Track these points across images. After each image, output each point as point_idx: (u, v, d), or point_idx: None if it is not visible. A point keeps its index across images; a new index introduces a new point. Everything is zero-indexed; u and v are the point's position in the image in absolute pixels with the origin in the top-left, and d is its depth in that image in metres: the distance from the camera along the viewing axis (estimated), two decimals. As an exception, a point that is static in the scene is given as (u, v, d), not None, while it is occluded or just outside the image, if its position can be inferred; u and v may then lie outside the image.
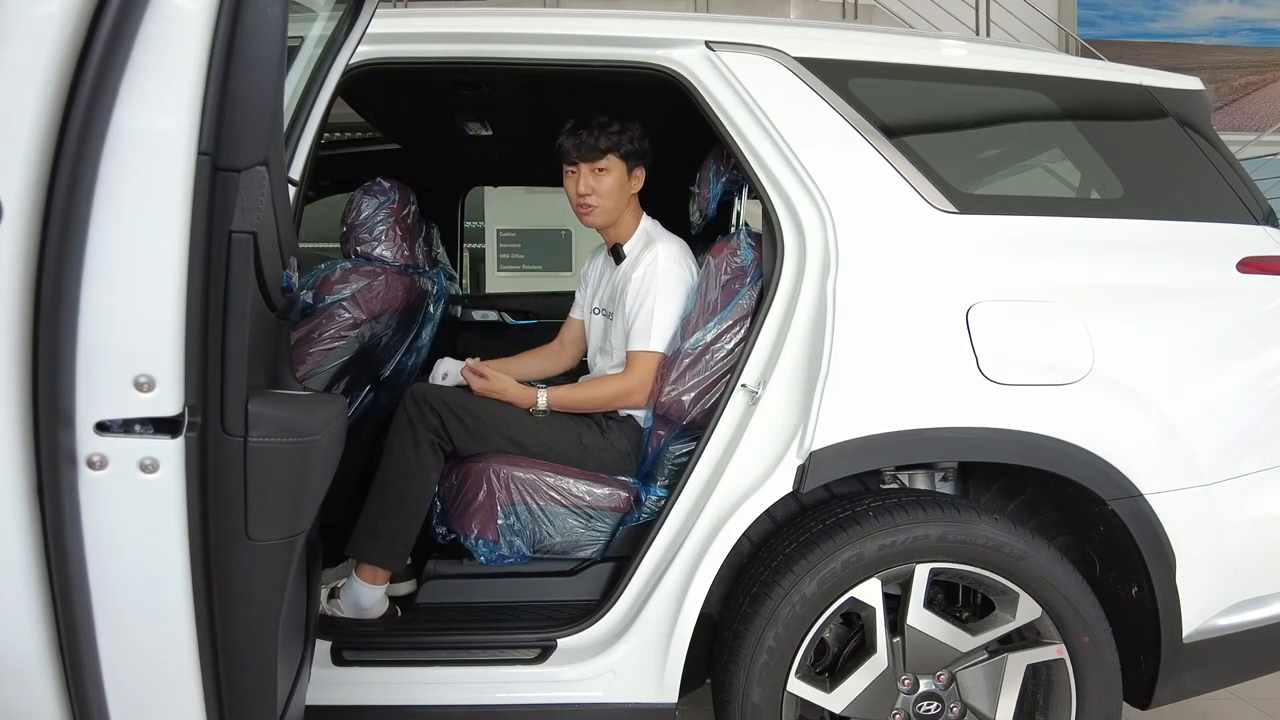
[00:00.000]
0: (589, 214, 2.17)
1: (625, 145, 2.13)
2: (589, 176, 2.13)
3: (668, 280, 2.07)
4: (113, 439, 1.06)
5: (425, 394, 1.97)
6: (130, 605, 1.11)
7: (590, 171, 2.13)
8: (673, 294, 2.06)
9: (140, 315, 1.06)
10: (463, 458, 2.00)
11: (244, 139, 1.12)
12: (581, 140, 2.11)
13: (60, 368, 1.02)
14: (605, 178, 2.13)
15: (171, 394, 1.07)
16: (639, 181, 2.20)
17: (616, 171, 2.14)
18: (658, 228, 2.23)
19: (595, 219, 2.18)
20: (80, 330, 1.03)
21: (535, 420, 2.04)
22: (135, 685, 1.13)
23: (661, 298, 2.06)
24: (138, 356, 1.06)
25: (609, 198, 2.15)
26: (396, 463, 1.94)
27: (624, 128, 2.13)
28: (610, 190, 2.14)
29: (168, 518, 1.10)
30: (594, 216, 2.17)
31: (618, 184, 2.15)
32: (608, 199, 2.15)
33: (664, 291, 2.06)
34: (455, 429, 1.96)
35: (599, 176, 2.13)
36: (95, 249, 1.03)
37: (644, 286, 2.08)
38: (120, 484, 1.07)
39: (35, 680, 1.07)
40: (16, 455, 1.01)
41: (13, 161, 0.98)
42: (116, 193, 1.03)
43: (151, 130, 1.05)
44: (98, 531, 1.07)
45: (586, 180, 2.13)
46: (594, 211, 2.16)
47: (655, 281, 2.06)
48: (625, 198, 2.18)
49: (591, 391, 2.12)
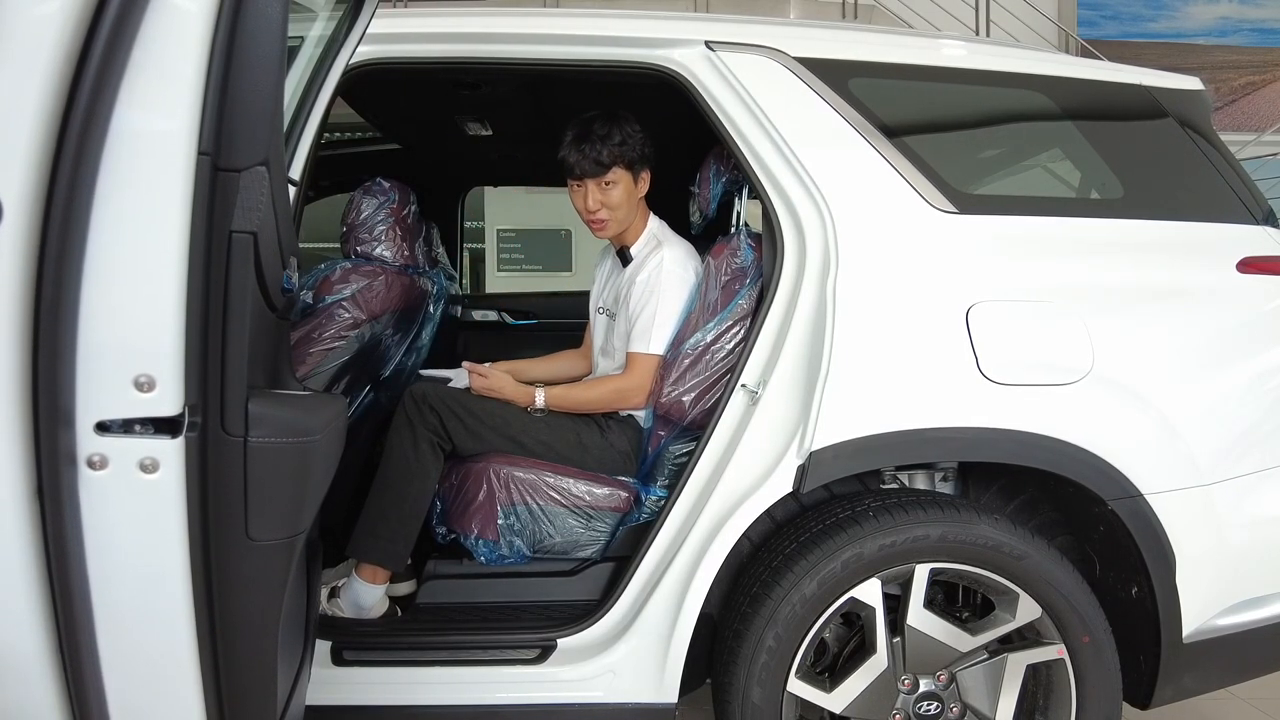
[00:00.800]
0: (602, 228, 2.14)
1: (629, 154, 2.09)
2: (596, 192, 2.10)
3: (671, 283, 2.05)
4: (113, 439, 1.06)
5: (425, 394, 1.97)
6: (130, 605, 1.11)
7: (597, 187, 2.10)
8: (675, 298, 2.05)
9: (140, 315, 1.06)
10: (463, 458, 2.00)
11: (244, 139, 1.12)
12: (585, 155, 2.07)
13: (60, 368, 1.02)
14: (613, 190, 2.10)
15: (171, 394, 1.07)
16: (645, 184, 2.16)
17: (624, 182, 2.10)
18: (665, 229, 2.21)
19: (609, 231, 2.16)
20: (80, 330, 1.03)
21: (534, 420, 2.04)
22: (135, 685, 1.13)
23: (664, 301, 2.04)
24: (138, 356, 1.06)
25: (620, 209, 2.12)
26: (396, 463, 1.94)
27: (625, 136, 2.08)
28: (620, 202, 2.11)
29: (167, 517, 1.09)
30: (607, 230, 2.15)
31: (626, 194, 2.12)
32: (619, 210, 2.12)
33: (667, 295, 2.05)
34: (455, 428, 1.96)
35: (607, 190, 2.10)
36: (95, 249, 1.03)
37: (648, 289, 2.06)
38: (120, 484, 1.07)
39: (35, 679, 1.07)
40: (17, 455, 1.01)
41: (13, 161, 0.98)
42: (117, 193, 1.03)
43: (152, 130, 1.05)
44: (98, 531, 1.07)
45: (595, 196, 2.10)
46: (607, 225, 2.14)
47: (660, 284, 2.05)
48: (634, 204, 2.15)
49: (589, 391, 2.11)
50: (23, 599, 1.04)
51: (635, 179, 2.13)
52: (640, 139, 2.11)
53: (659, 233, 2.19)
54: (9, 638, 1.06)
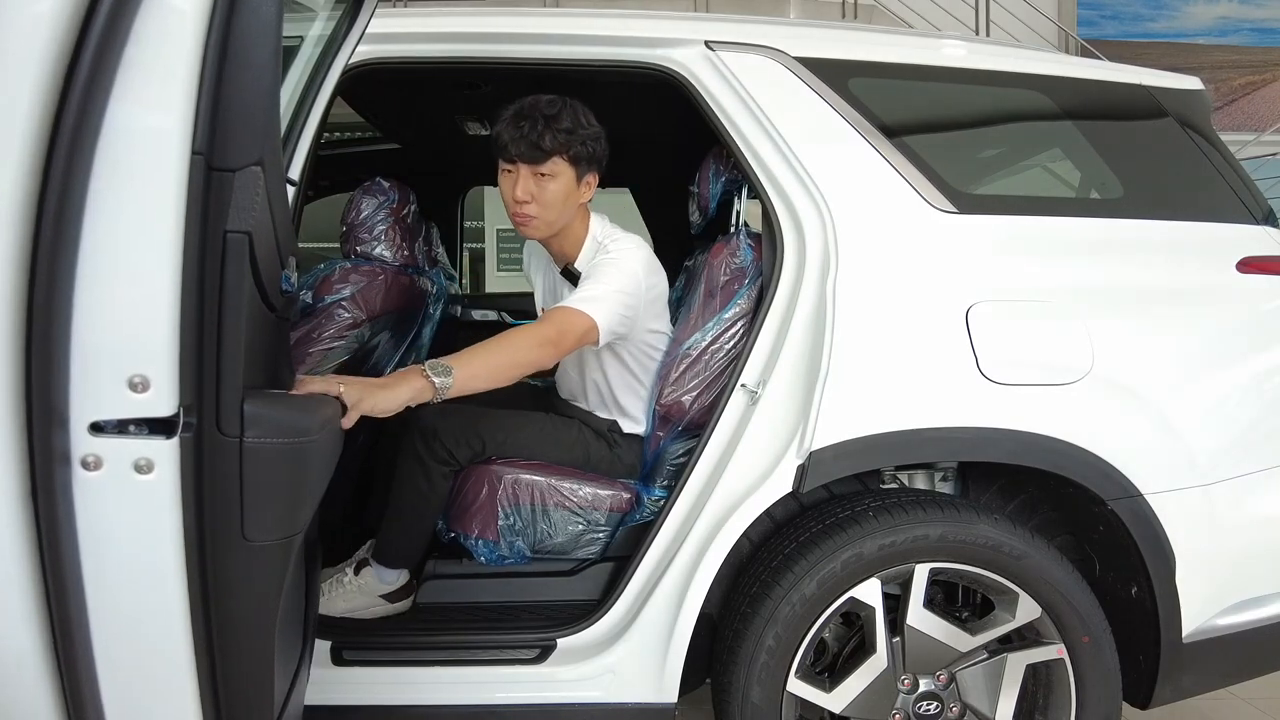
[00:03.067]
0: (526, 225, 1.88)
1: (575, 147, 1.84)
2: (529, 180, 1.84)
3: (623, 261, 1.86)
4: (107, 439, 1.05)
5: (435, 430, 1.89)
6: (126, 606, 1.10)
7: (531, 175, 1.84)
8: (626, 275, 1.85)
9: (135, 315, 1.05)
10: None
11: (238, 139, 1.11)
12: (523, 135, 1.81)
13: (54, 368, 1.02)
14: (548, 184, 1.84)
15: (166, 394, 1.06)
16: (590, 190, 1.92)
17: (563, 178, 1.85)
18: (609, 228, 1.98)
19: (534, 231, 1.90)
20: (74, 330, 1.03)
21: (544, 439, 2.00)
22: (131, 685, 1.12)
23: (614, 274, 1.84)
24: (132, 356, 1.05)
25: (551, 209, 1.86)
26: (410, 494, 1.92)
27: (575, 126, 1.84)
28: (553, 200, 1.85)
29: (162, 518, 1.09)
30: (532, 228, 1.89)
31: (563, 193, 1.86)
32: (550, 209, 1.86)
33: (619, 270, 1.85)
34: (465, 455, 1.93)
35: (541, 182, 1.84)
36: (88, 248, 1.02)
37: (597, 266, 1.88)
38: (115, 485, 1.06)
39: (30, 681, 1.06)
40: (11, 456, 1.00)
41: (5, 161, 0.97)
42: (110, 191, 1.03)
43: (145, 128, 1.04)
44: (92, 532, 1.07)
45: (526, 184, 1.84)
46: (532, 223, 1.87)
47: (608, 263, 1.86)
48: (571, 208, 1.90)
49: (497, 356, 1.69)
50: (17, 600, 1.04)
51: (578, 179, 1.88)
52: (594, 136, 1.88)
53: (603, 236, 1.96)
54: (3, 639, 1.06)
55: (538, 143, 1.81)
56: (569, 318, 1.77)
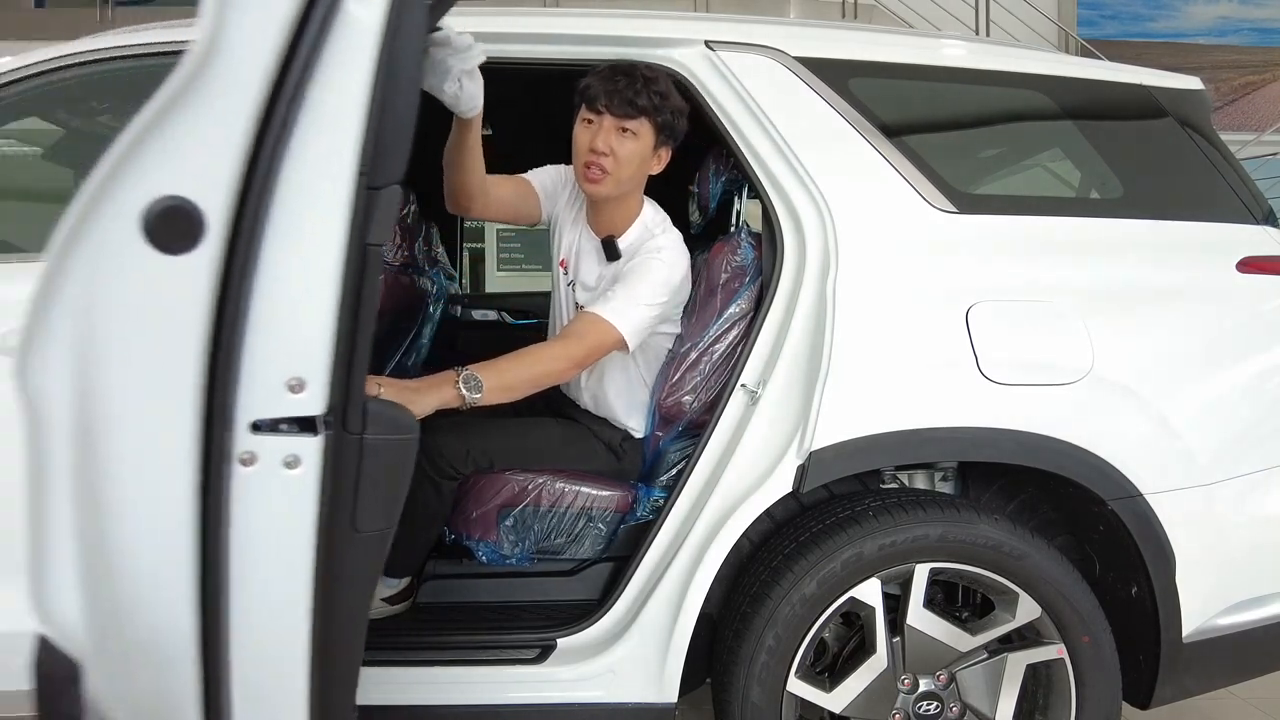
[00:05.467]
0: (598, 181, 1.81)
1: (665, 114, 1.81)
2: (611, 134, 1.79)
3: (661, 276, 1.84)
4: (263, 437, 1.14)
5: (441, 451, 1.85)
6: (260, 594, 1.18)
7: (615, 129, 1.79)
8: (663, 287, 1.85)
9: (299, 322, 1.14)
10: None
11: (390, 157, 1.18)
12: (618, 89, 1.77)
13: (231, 373, 1.10)
14: (629, 143, 1.80)
15: (319, 395, 1.15)
16: (660, 164, 1.89)
17: (644, 140, 1.81)
18: (663, 220, 1.96)
19: (601, 187, 1.83)
20: (248, 337, 1.11)
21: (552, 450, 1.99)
22: (255, 671, 1.20)
23: (653, 284, 1.82)
24: (293, 360, 1.14)
25: (626, 165, 1.81)
26: (421, 507, 1.89)
27: (669, 93, 1.81)
28: (629, 158, 1.81)
29: (304, 511, 1.17)
30: (603, 185, 1.82)
31: (639, 155, 1.82)
32: (624, 167, 1.81)
33: (659, 281, 1.83)
34: (470, 470, 1.92)
35: (622, 139, 1.80)
36: (266, 262, 1.10)
37: (641, 268, 1.84)
38: (266, 479, 1.15)
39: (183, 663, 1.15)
40: (190, 456, 1.09)
41: (219, 184, 1.06)
42: (288, 209, 1.11)
43: (322, 151, 1.11)
44: (242, 524, 1.14)
45: (608, 137, 1.79)
46: (605, 179, 1.81)
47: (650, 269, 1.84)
48: (640, 176, 1.87)
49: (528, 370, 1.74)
50: (185, 588, 1.13)
51: (655, 148, 1.85)
52: (681, 110, 1.85)
53: (654, 224, 1.94)
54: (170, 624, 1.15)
55: (633, 99, 1.77)
56: (601, 332, 1.79)
